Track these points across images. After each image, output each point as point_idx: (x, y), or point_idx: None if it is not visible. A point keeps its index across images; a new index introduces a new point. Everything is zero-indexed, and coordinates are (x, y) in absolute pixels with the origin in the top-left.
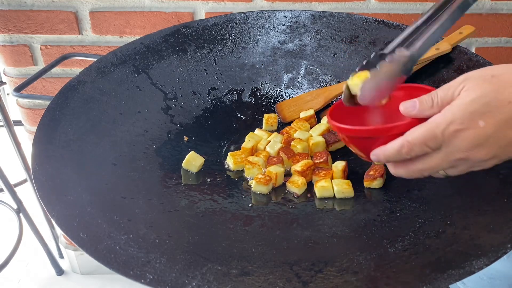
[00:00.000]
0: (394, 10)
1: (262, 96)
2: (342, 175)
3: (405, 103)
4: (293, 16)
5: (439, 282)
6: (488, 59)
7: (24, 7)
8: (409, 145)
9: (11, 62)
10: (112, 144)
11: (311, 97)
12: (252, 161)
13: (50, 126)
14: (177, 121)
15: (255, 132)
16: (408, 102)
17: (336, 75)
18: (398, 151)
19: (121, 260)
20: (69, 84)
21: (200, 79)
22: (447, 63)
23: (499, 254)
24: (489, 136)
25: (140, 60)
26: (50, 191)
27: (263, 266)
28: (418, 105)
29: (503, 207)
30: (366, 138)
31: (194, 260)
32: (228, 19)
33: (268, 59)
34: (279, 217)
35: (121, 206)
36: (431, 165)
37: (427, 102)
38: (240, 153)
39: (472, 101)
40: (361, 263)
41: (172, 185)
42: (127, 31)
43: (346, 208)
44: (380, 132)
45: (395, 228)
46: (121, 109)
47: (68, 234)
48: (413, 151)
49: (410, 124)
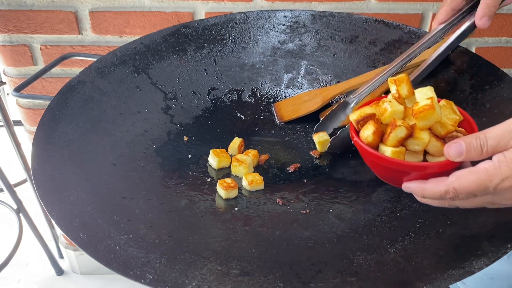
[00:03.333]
0: (394, 10)
1: (262, 96)
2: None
3: (450, 147)
4: (293, 16)
5: (439, 282)
6: (488, 59)
7: (24, 7)
8: (455, 192)
9: (11, 62)
10: (112, 144)
11: (309, 97)
12: (240, 159)
13: (50, 126)
14: (177, 121)
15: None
16: (453, 145)
17: (336, 75)
18: (441, 195)
19: (121, 260)
20: (69, 84)
21: (200, 79)
22: (447, 63)
23: (499, 254)
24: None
25: (140, 60)
26: (50, 191)
27: (263, 266)
28: (465, 152)
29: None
30: (397, 171)
31: (194, 260)
32: (228, 19)
33: (268, 59)
34: (279, 217)
35: (121, 206)
36: (470, 205)
37: (475, 150)
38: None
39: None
40: (361, 263)
41: (172, 185)
42: (127, 31)
43: (345, 208)
44: (418, 169)
45: (395, 228)
46: (121, 109)
47: (68, 234)
48: (458, 198)
49: (450, 165)
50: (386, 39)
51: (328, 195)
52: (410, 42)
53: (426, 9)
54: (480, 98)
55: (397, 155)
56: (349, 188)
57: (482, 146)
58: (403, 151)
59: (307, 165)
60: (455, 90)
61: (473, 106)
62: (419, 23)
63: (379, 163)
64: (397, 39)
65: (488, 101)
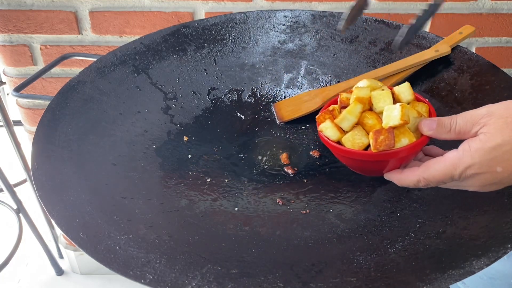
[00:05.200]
0: (394, 10)
1: (262, 96)
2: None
3: (425, 122)
4: (293, 16)
5: (439, 282)
6: (488, 59)
7: (24, 7)
8: (426, 181)
9: (11, 62)
10: (112, 144)
11: (309, 97)
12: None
13: (50, 126)
14: (177, 121)
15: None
16: (427, 121)
17: (336, 75)
18: (414, 184)
19: (121, 260)
20: (68, 84)
21: (200, 79)
22: (447, 63)
23: (499, 254)
24: (504, 178)
25: (140, 60)
26: (50, 191)
27: (263, 266)
28: (436, 126)
29: (503, 207)
30: (366, 161)
31: (194, 260)
32: (228, 19)
33: (268, 59)
34: (279, 217)
35: (121, 206)
36: (443, 187)
37: (445, 126)
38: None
39: (492, 149)
40: (361, 263)
41: (172, 185)
42: (127, 31)
43: (345, 208)
44: (388, 156)
45: (395, 228)
46: (121, 109)
47: (68, 234)
48: (429, 185)
49: (415, 147)
50: (386, 39)
51: (328, 195)
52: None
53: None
54: (480, 98)
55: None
56: (349, 188)
57: (452, 124)
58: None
59: (307, 165)
60: (455, 90)
61: (473, 106)
62: None
63: (352, 157)
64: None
65: (488, 101)
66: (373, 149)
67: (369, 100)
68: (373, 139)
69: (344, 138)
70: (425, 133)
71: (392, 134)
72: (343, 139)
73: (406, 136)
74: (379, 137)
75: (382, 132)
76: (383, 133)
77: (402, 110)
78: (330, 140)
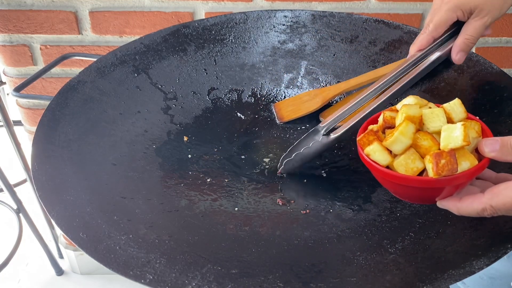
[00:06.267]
0: (394, 10)
1: (262, 96)
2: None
3: (486, 142)
4: (293, 16)
5: (439, 282)
6: (488, 59)
7: (24, 7)
8: (493, 210)
9: (11, 62)
10: (111, 144)
11: (309, 97)
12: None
13: (50, 126)
14: (177, 121)
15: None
16: (489, 141)
17: (336, 75)
18: (478, 213)
19: (121, 260)
20: (68, 84)
21: (200, 79)
22: (447, 63)
23: (499, 254)
24: None
25: (140, 60)
26: (50, 191)
27: (263, 266)
28: (500, 148)
29: None
30: (422, 189)
31: (194, 260)
32: (228, 19)
33: (268, 59)
34: (279, 217)
35: (121, 206)
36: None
37: (510, 146)
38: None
39: None
40: (361, 263)
41: (172, 185)
42: (127, 31)
43: (345, 208)
44: (451, 182)
45: (395, 228)
46: (121, 109)
47: (68, 234)
48: (495, 214)
49: (477, 171)
50: (386, 39)
51: (328, 195)
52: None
53: (426, 9)
54: (480, 98)
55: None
56: (349, 188)
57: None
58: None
59: (307, 165)
60: (455, 90)
61: (473, 106)
62: (419, 23)
63: (403, 184)
64: (397, 39)
65: (488, 101)
66: (434, 174)
67: (420, 119)
68: (433, 163)
69: (396, 162)
70: (486, 154)
71: (455, 158)
72: (395, 164)
73: (467, 159)
74: (440, 161)
75: (443, 155)
76: (444, 157)
77: (464, 130)
78: (379, 165)
